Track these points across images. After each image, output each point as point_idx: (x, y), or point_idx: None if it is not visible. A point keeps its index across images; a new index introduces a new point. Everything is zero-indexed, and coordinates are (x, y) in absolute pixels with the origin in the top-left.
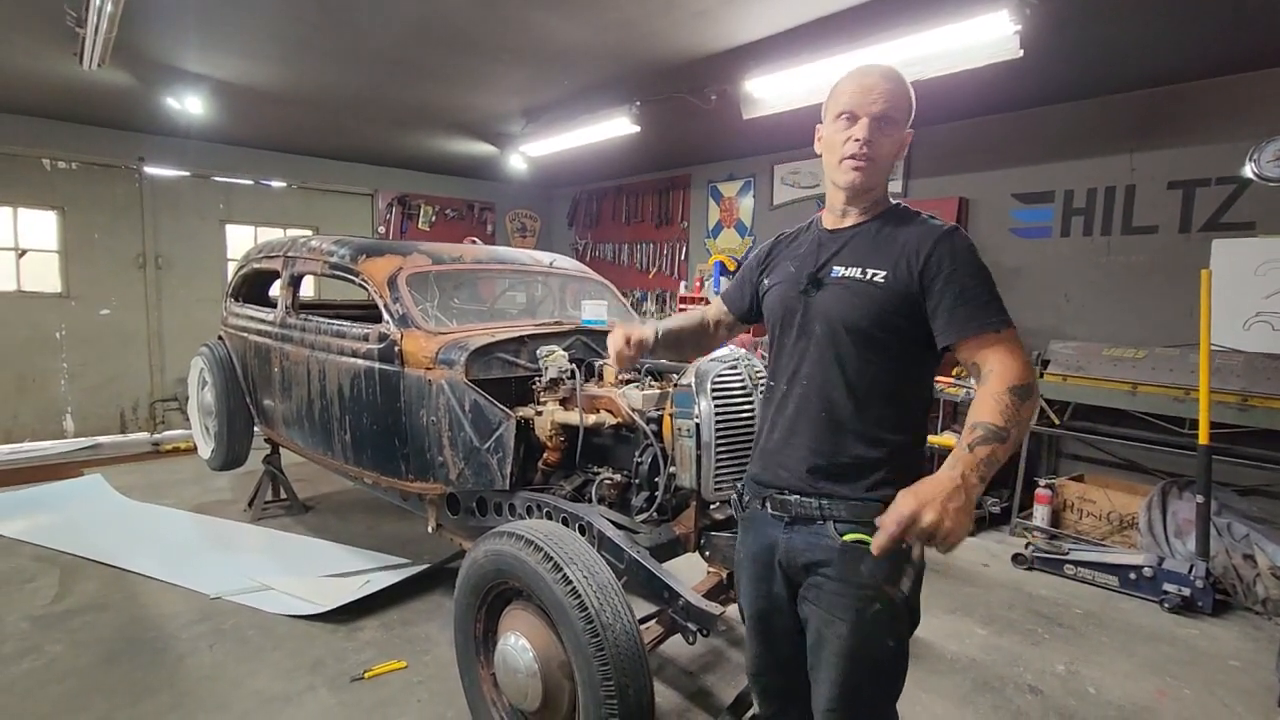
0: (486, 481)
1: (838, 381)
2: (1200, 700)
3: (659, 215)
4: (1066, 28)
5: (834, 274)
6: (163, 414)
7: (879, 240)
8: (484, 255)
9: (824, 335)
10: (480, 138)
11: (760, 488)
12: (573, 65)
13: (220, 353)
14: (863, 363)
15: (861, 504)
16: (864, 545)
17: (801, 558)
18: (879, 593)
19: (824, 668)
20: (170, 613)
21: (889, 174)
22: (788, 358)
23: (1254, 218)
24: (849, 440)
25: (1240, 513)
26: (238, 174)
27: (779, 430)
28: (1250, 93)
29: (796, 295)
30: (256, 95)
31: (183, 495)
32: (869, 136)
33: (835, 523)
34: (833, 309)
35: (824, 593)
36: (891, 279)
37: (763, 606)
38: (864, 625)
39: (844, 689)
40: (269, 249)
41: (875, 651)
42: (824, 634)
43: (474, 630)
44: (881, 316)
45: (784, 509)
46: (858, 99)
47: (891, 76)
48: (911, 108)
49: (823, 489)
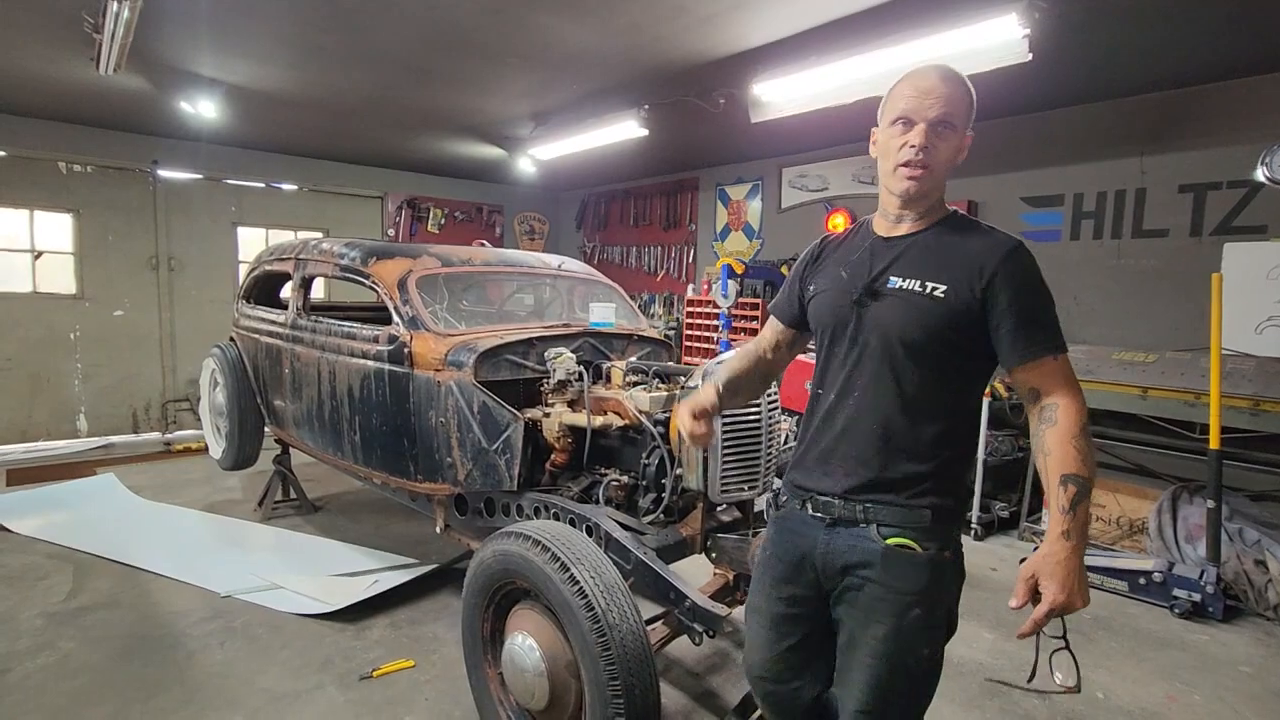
0: (494, 482)
1: (893, 397)
2: (1210, 707)
3: (667, 218)
4: (1075, 31)
5: (890, 285)
6: (174, 414)
7: (939, 251)
8: (493, 258)
9: (879, 349)
10: (489, 141)
11: (801, 491)
12: (581, 69)
13: (232, 354)
14: (919, 378)
15: (906, 510)
16: (906, 550)
17: (840, 559)
18: (919, 599)
19: (857, 669)
20: (181, 610)
21: (945, 181)
22: (838, 369)
23: (1266, 221)
24: (900, 457)
25: (1252, 518)
26: (249, 177)
27: (826, 440)
28: (1261, 96)
29: (849, 305)
30: (268, 99)
31: (194, 495)
32: (925, 143)
33: (879, 526)
34: (890, 322)
35: (862, 595)
36: (952, 294)
37: (778, 607)
38: (902, 630)
39: (877, 691)
40: (280, 251)
41: (911, 657)
42: (859, 636)
43: (481, 630)
44: (941, 331)
45: (827, 511)
46: (914, 104)
47: (950, 78)
48: (972, 109)
49: (869, 493)
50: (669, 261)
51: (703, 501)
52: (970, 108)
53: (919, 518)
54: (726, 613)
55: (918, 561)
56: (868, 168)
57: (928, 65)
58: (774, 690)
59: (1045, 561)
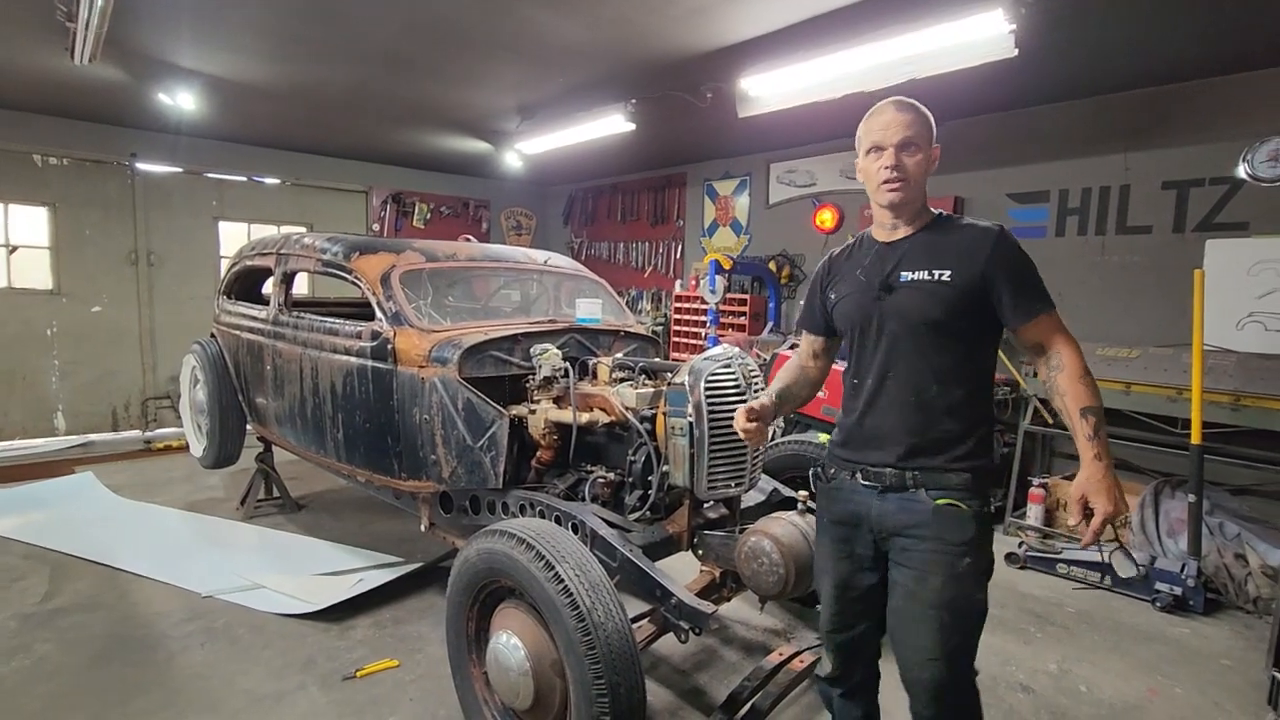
0: (479, 480)
1: (922, 370)
2: (1191, 699)
3: (655, 213)
4: (1060, 27)
5: (903, 278)
6: (155, 412)
7: (936, 245)
8: (478, 253)
9: (904, 331)
10: (475, 135)
11: (851, 464)
12: (568, 62)
13: (212, 350)
14: (941, 350)
15: (949, 474)
16: (954, 508)
17: (892, 521)
18: (968, 548)
19: (920, 620)
20: (161, 611)
21: (923, 188)
22: (869, 356)
23: (1247, 218)
24: (938, 417)
25: (1232, 512)
26: (230, 170)
27: (870, 417)
28: (1244, 93)
29: (871, 301)
30: (249, 91)
31: (175, 493)
32: (896, 162)
33: (926, 490)
34: (909, 307)
35: (916, 553)
36: (958, 276)
37: (844, 567)
38: (958, 578)
39: (943, 634)
40: (261, 246)
41: (967, 602)
42: (917, 590)
43: (466, 629)
44: (953, 309)
45: (877, 479)
46: (880, 135)
47: (904, 107)
48: (930, 128)
49: (914, 462)
50: (657, 257)
51: (689, 498)
52: (928, 127)
53: (962, 480)
54: (713, 610)
55: (964, 516)
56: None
57: (885, 101)
58: (843, 640)
59: (1089, 483)
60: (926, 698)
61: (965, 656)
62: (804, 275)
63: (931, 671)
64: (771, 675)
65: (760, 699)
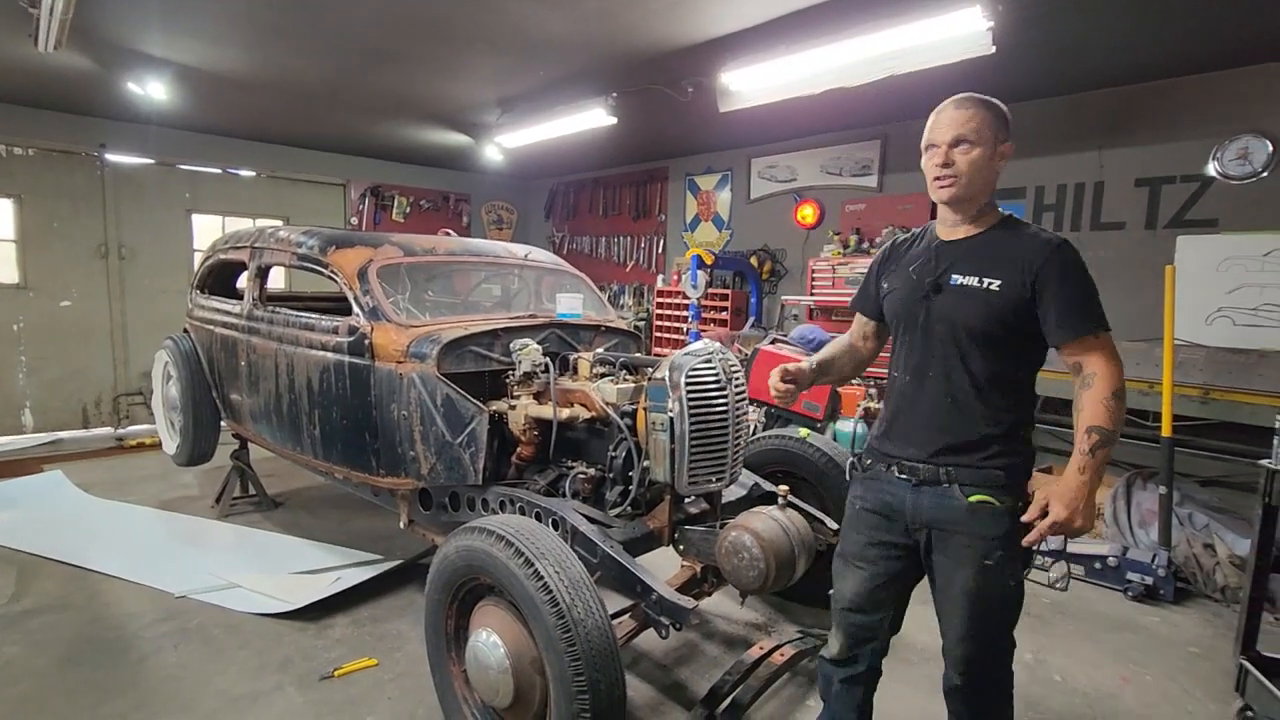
0: (459, 476)
1: (961, 373)
2: (1161, 686)
3: (636, 208)
4: (1036, 25)
5: (953, 281)
6: (127, 408)
7: (993, 251)
8: (457, 248)
9: (946, 334)
10: (455, 128)
11: (888, 457)
12: (549, 55)
13: (185, 346)
14: (981, 357)
15: (982, 470)
16: (987, 504)
17: (927, 514)
18: (1000, 542)
19: (955, 605)
20: (133, 612)
21: (985, 185)
22: (911, 354)
23: (1217, 215)
24: (973, 421)
25: (1201, 503)
26: (204, 162)
27: (907, 413)
28: (1214, 92)
29: (918, 300)
30: (223, 81)
31: (148, 492)
32: (945, 160)
33: (960, 486)
34: (954, 312)
35: (951, 544)
36: (1006, 286)
37: (872, 552)
38: (988, 569)
39: (973, 620)
40: (235, 239)
41: (997, 590)
42: (953, 578)
43: (445, 627)
44: (997, 318)
45: (913, 474)
46: (933, 133)
47: (963, 104)
48: (992, 123)
49: (948, 459)
50: (638, 252)
51: (670, 494)
52: (988, 123)
53: (994, 477)
54: (694, 605)
55: (998, 512)
56: (835, 159)
57: (948, 100)
58: (859, 620)
59: (1058, 488)
60: (958, 670)
61: (995, 637)
62: (785, 270)
63: (963, 649)
64: (752, 669)
65: (741, 692)
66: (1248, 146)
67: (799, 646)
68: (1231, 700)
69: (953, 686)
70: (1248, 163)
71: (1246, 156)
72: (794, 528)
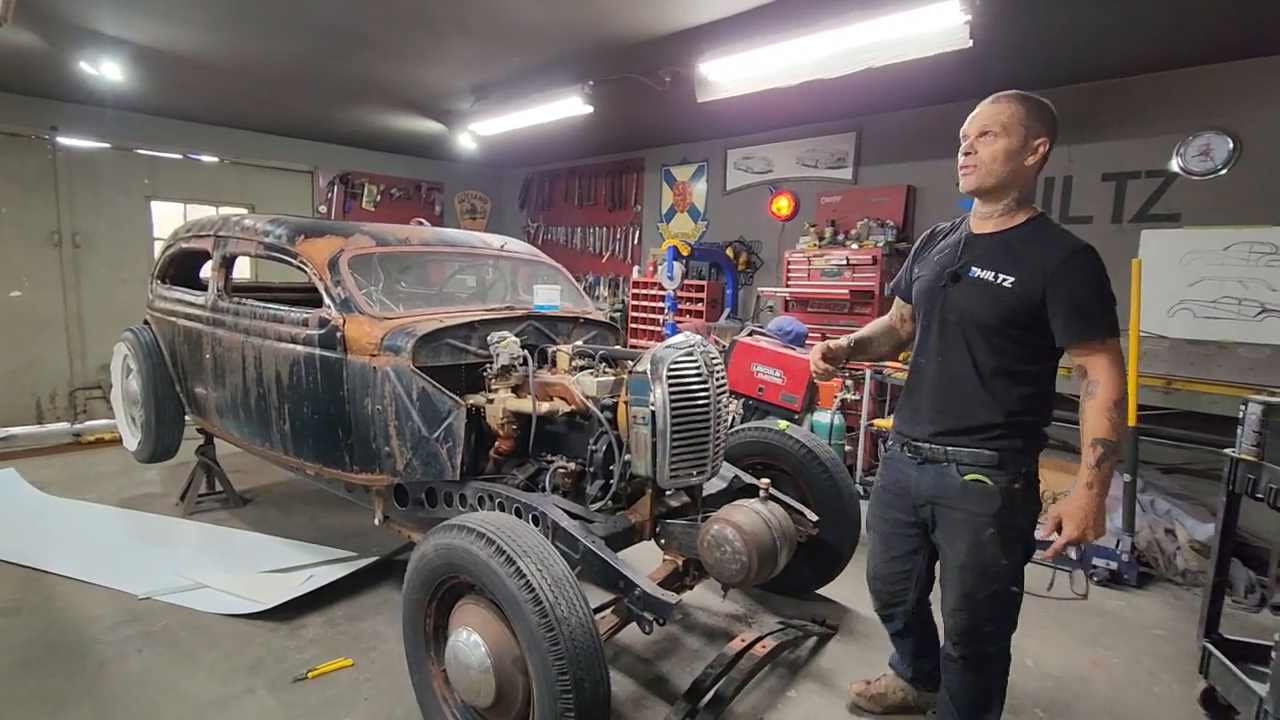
0: (436, 472)
1: (968, 361)
2: (1128, 669)
3: (612, 198)
4: (1013, 19)
5: (971, 273)
6: (84, 403)
7: (1015, 248)
8: (431, 237)
9: (956, 324)
10: (428, 115)
11: (901, 436)
12: (525, 42)
13: (146, 338)
14: (987, 349)
15: (978, 452)
16: (980, 483)
17: (928, 491)
18: (992, 520)
19: (950, 577)
20: (93, 615)
21: (1011, 179)
22: (927, 338)
23: (1180, 210)
24: (976, 407)
25: (1162, 489)
26: (164, 147)
27: (917, 395)
28: (1179, 89)
29: (938, 288)
30: (183, 63)
31: (107, 489)
32: (968, 150)
33: (957, 465)
34: (965, 304)
35: (948, 521)
36: (1019, 285)
37: (887, 527)
38: (979, 544)
39: (963, 593)
40: (198, 228)
41: (988, 564)
42: (948, 553)
43: (424, 626)
44: (1007, 315)
45: (917, 452)
46: (965, 127)
47: (998, 99)
48: (1018, 117)
49: (948, 440)
50: (614, 243)
51: (652, 487)
52: (1018, 117)
53: (988, 458)
54: (677, 600)
55: (990, 491)
56: (811, 151)
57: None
58: (883, 589)
59: (1068, 505)
60: (951, 640)
61: (987, 612)
62: (761, 262)
63: (956, 620)
64: (734, 662)
65: (724, 686)
66: (1209, 143)
67: (780, 638)
68: (1195, 681)
69: (947, 656)
70: (1209, 159)
71: (1208, 153)
72: (776, 520)
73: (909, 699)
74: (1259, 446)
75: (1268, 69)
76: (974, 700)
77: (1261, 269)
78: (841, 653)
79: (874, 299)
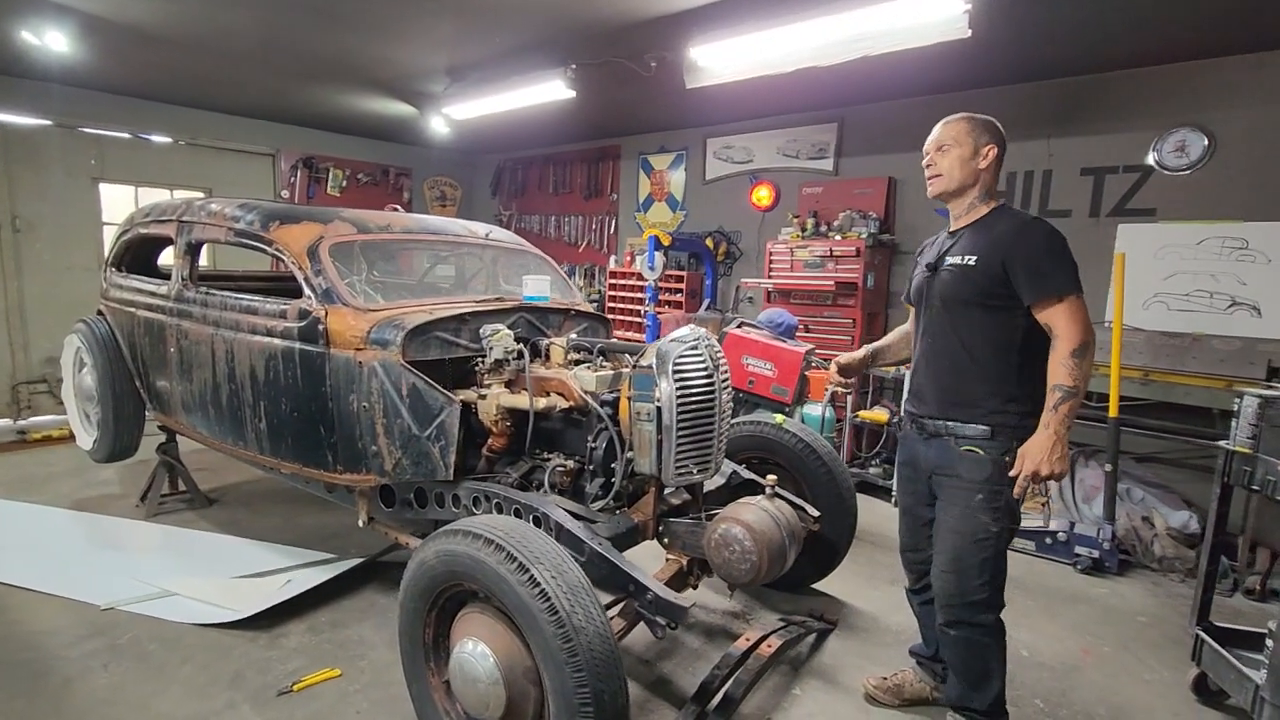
0: (427, 472)
1: (955, 340)
2: (1119, 657)
3: (588, 187)
4: (1009, 10)
5: (947, 262)
6: (29, 398)
7: (977, 235)
8: (414, 225)
9: (941, 308)
10: (399, 96)
11: (910, 415)
12: (506, 21)
13: (101, 330)
14: (970, 325)
15: (972, 424)
16: (972, 453)
17: (932, 463)
18: (981, 486)
19: (943, 540)
20: (50, 629)
21: (968, 179)
22: (922, 325)
23: (1155, 204)
24: (967, 383)
25: (1138, 478)
26: (113, 126)
27: (919, 376)
28: (1154, 86)
29: (925, 280)
30: (135, 35)
31: (59, 490)
32: (929, 163)
33: (954, 439)
34: (945, 288)
35: (946, 489)
36: (981, 261)
37: (909, 500)
38: (969, 509)
39: (953, 554)
40: (159, 212)
41: (976, 528)
42: (942, 517)
43: (423, 637)
44: (977, 289)
45: (923, 429)
46: (925, 147)
47: (947, 121)
48: (965, 130)
49: (947, 414)
50: (590, 232)
51: (655, 485)
52: (965, 130)
53: (982, 431)
54: (690, 604)
55: (981, 460)
56: (792, 141)
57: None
58: (914, 559)
59: (1028, 445)
60: (941, 604)
61: (976, 576)
62: (740, 253)
63: (943, 582)
64: (741, 661)
65: (732, 687)
66: (1185, 139)
67: (784, 636)
68: (1183, 667)
69: (940, 629)
70: (1184, 155)
71: (1184, 149)
72: (784, 518)
73: (927, 691)
74: (1254, 439)
75: (1241, 68)
76: (971, 669)
77: (1232, 263)
78: (841, 648)
79: (857, 290)
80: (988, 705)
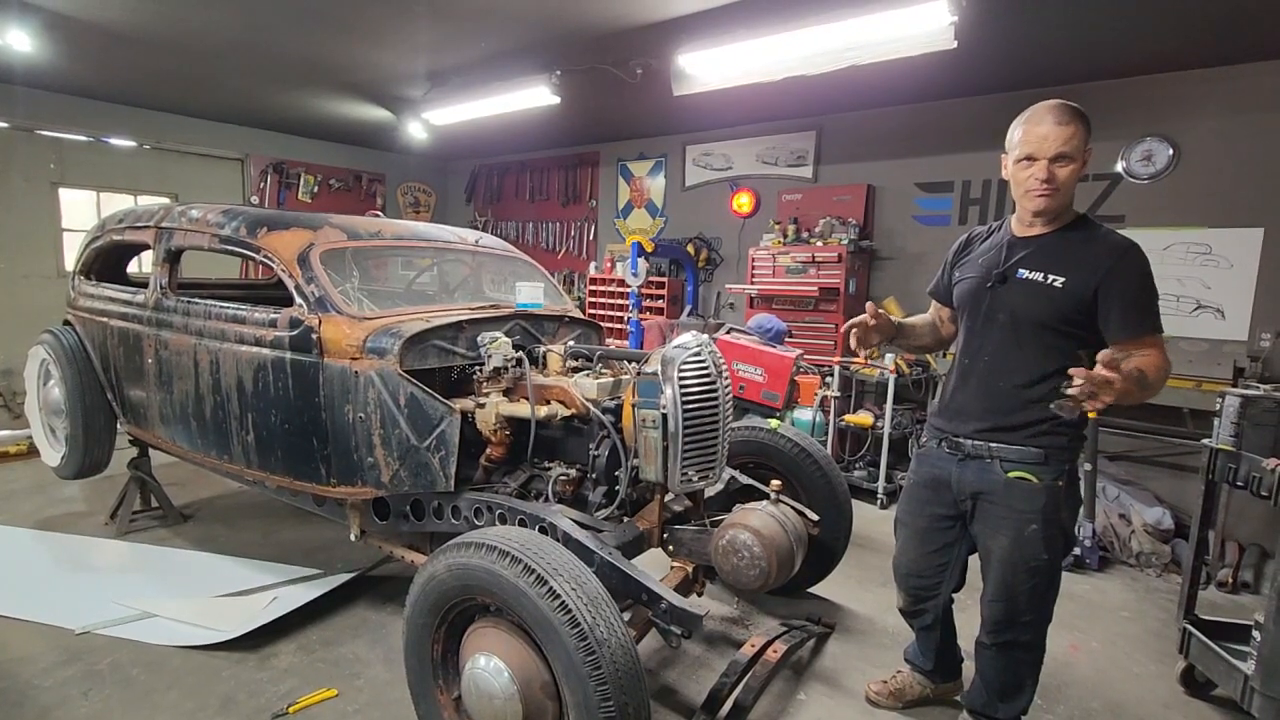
0: (427, 483)
1: (1015, 361)
2: (1107, 652)
3: (566, 193)
4: (993, 23)
5: (1019, 274)
6: None
7: (1062, 250)
8: (404, 231)
9: (1006, 323)
10: (375, 101)
11: (939, 432)
12: (492, 25)
13: (70, 340)
14: (1037, 348)
15: (1022, 449)
16: (1024, 480)
17: (970, 487)
18: (1035, 516)
19: (990, 569)
20: (22, 656)
21: (1073, 194)
22: (974, 338)
23: (1124, 211)
24: (1020, 405)
25: (1112, 476)
26: (73, 128)
27: (962, 392)
28: (1122, 96)
29: (985, 289)
30: (100, 33)
31: (20, 509)
32: (1048, 175)
33: (1001, 462)
34: (1016, 304)
35: (990, 516)
36: (1070, 284)
37: (923, 522)
38: (1022, 541)
39: (1003, 586)
40: (135, 218)
41: (1030, 560)
42: (989, 546)
43: (431, 653)
44: (1059, 313)
45: (958, 449)
46: (1036, 145)
47: (1065, 120)
48: (1083, 138)
49: (992, 437)
50: (569, 239)
51: (660, 492)
52: (1083, 138)
53: (1033, 455)
54: (705, 612)
55: (1034, 488)
56: (771, 148)
57: (1044, 106)
58: (917, 585)
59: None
60: (986, 629)
61: (1024, 605)
62: (721, 259)
63: (993, 610)
64: (748, 668)
65: (741, 694)
66: (1151, 149)
67: (789, 641)
68: (1168, 660)
69: (980, 644)
70: (1151, 163)
71: (1150, 158)
72: (790, 523)
73: (928, 692)
74: (1236, 437)
75: (1205, 81)
76: (1007, 683)
77: (1197, 268)
78: (841, 651)
79: (839, 296)
80: (1012, 717)
